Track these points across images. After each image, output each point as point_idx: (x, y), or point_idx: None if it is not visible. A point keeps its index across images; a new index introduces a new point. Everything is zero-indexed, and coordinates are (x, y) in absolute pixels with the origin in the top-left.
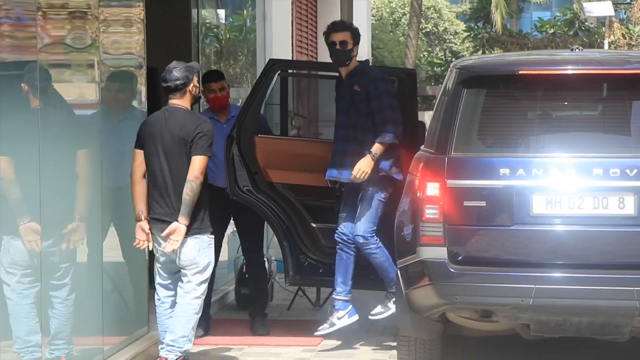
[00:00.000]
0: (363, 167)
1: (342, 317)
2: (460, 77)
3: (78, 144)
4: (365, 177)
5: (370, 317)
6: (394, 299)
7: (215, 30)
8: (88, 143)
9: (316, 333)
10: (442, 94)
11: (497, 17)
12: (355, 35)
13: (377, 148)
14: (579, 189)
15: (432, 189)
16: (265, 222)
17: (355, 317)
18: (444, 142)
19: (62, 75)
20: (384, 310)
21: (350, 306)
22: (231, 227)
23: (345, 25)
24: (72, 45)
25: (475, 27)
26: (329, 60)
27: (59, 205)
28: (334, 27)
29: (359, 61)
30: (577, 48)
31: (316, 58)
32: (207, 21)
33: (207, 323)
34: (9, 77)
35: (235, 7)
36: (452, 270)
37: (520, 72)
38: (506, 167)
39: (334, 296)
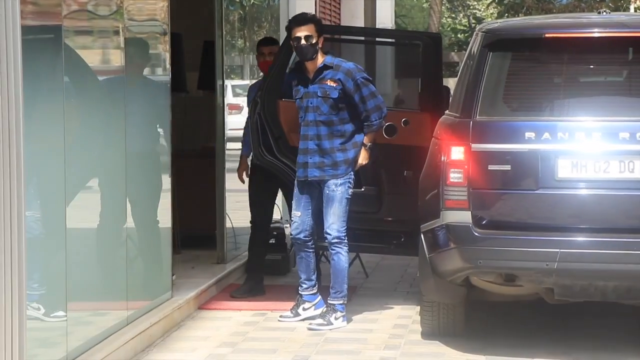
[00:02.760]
0: (363, 160)
1: (309, 309)
2: (486, 41)
3: (102, 109)
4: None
5: (308, 326)
6: (336, 315)
7: None
8: (112, 109)
9: (279, 319)
10: (467, 58)
11: None
12: (319, 26)
13: (369, 139)
14: (604, 153)
15: (457, 152)
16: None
17: (323, 308)
18: (468, 106)
19: (86, 41)
20: (325, 324)
21: (319, 298)
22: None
23: (307, 17)
24: (97, 11)
25: None
26: (353, 24)
27: (83, 169)
28: (296, 21)
29: (324, 52)
30: (604, 11)
31: (340, 22)
32: None
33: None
34: (34, 41)
35: None
36: (476, 234)
37: (547, 35)
38: (531, 131)
39: (300, 292)
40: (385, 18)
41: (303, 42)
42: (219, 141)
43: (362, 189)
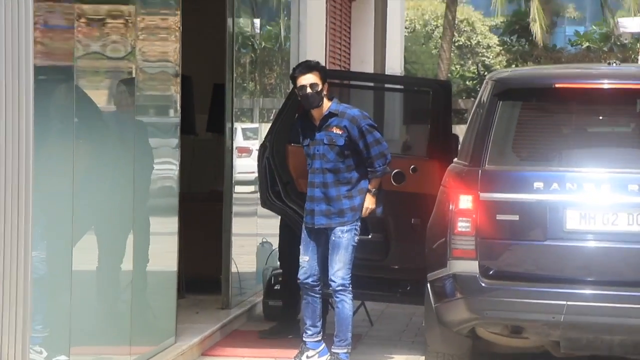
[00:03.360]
0: (370, 205)
1: (313, 356)
2: (496, 89)
3: (112, 151)
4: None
5: None
6: None
7: (250, 39)
8: (121, 150)
9: None
10: (476, 106)
11: (536, 29)
12: (323, 73)
13: (374, 185)
14: (613, 205)
15: (465, 201)
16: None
17: (327, 357)
18: (478, 155)
19: (98, 82)
20: None
21: (323, 345)
22: (260, 238)
23: (311, 65)
24: (110, 52)
25: (509, 40)
26: (360, 70)
27: (91, 210)
28: (300, 69)
29: (329, 98)
30: (614, 62)
31: (349, 67)
32: (243, 30)
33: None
34: (45, 82)
35: (271, 17)
36: (483, 284)
37: (557, 85)
38: (540, 181)
39: (304, 339)
40: (394, 64)
41: (308, 90)
42: (227, 184)
43: (369, 236)
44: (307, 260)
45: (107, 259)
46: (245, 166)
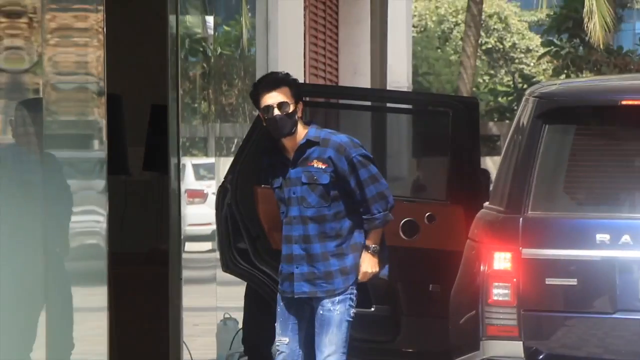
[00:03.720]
0: (369, 268)
1: None
2: (540, 109)
3: (10, 200)
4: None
5: None
6: None
7: (201, 44)
8: (24, 199)
9: None
10: (513, 132)
11: (594, 25)
12: (295, 88)
13: (374, 239)
14: None
15: (502, 260)
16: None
17: None
18: (517, 197)
19: None
20: None
21: None
22: (222, 313)
23: (279, 78)
24: (6, 63)
25: (557, 41)
26: (353, 84)
27: None
28: (263, 84)
29: (305, 122)
30: None
31: (337, 81)
32: (191, 32)
33: None
34: None
35: (229, 14)
36: None
37: (624, 102)
38: (605, 232)
39: None
40: (399, 76)
41: (276, 112)
42: (174, 241)
43: (372, 309)
44: (286, 342)
45: (11, 350)
46: (199, 216)
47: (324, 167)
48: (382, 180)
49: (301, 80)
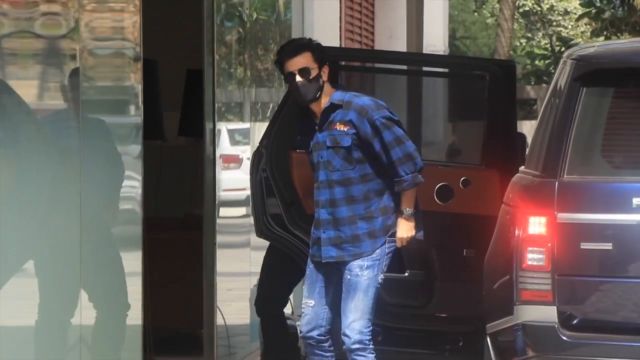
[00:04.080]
0: (405, 233)
1: None
2: (577, 72)
3: (46, 163)
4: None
5: None
6: None
7: (237, 9)
8: (61, 162)
9: None
10: (550, 95)
11: None
12: (318, 52)
13: (407, 203)
14: None
15: (536, 225)
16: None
17: None
18: (553, 161)
19: (28, 69)
20: None
21: None
22: (255, 278)
23: (300, 44)
24: (43, 30)
25: (597, 2)
26: (389, 48)
27: (18, 246)
28: (284, 51)
29: (333, 85)
30: None
31: (373, 45)
32: None
33: None
34: None
35: None
36: (564, 337)
37: None
38: None
39: None
40: (436, 39)
41: (298, 78)
42: (208, 207)
43: (406, 274)
44: (311, 305)
45: (44, 310)
46: (234, 181)
47: (345, 129)
48: (409, 142)
49: (337, 45)
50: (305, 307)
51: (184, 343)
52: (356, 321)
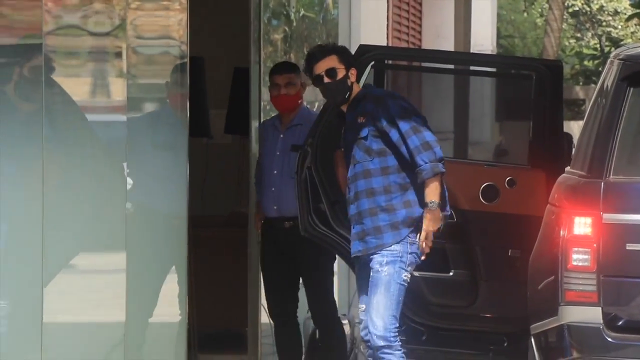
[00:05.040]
0: (430, 226)
1: None
2: (624, 72)
3: (93, 158)
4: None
5: None
6: None
7: (284, 7)
8: (107, 158)
9: None
10: (597, 95)
11: None
12: (344, 55)
13: (430, 194)
14: None
15: (582, 225)
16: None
17: None
18: (599, 161)
19: (75, 66)
20: None
21: None
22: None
23: (326, 49)
24: (90, 27)
25: None
26: (436, 47)
27: (66, 240)
28: (311, 57)
29: (363, 86)
30: None
31: (420, 44)
32: None
33: None
34: (6, 65)
35: None
36: (609, 339)
37: None
38: None
39: None
40: (483, 39)
41: (326, 79)
42: (254, 205)
43: (451, 274)
44: (363, 310)
45: (89, 306)
46: None
47: (363, 120)
48: (427, 132)
49: (384, 44)
50: (360, 312)
51: (229, 341)
52: (379, 319)
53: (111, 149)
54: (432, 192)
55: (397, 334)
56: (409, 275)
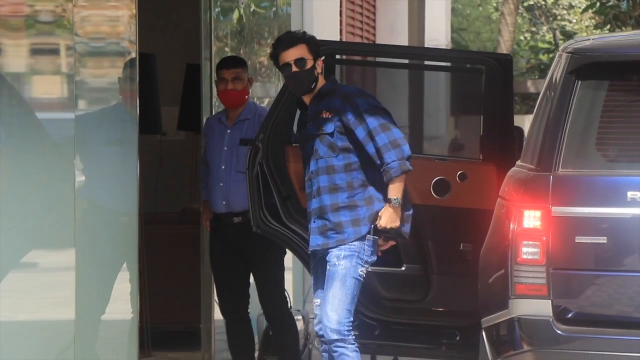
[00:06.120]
0: (388, 222)
1: None
2: (572, 65)
3: (42, 157)
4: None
5: None
6: None
7: (235, 2)
8: (56, 156)
9: None
10: (546, 88)
11: None
12: (313, 45)
13: (394, 191)
14: None
15: (531, 218)
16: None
17: None
18: (548, 155)
19: (22, 64)
20: None
21: None
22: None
23: (296, 37)
24: (35, 24)
25: None
26: (390, 42)
27: (16, 239)
28: (280, 43)
29: (327, 79)
30: None
31: (374, 39)
32: None
33: None
34: None
35: None
36: (559, 332)
37: None
38: (637, 190)
39: None
40: (437, 33)
41: (294, 68)
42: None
43: (403, 268)
44: (318, 304)
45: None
46: None
47: (329, 116)
48: (395, 129)
49: (337, 39)
50: (314, 306)
51: (182, 337)
52: (333, 312)
53: (60, 147)
54: (397, 189)
55: (351, 328)
56: (365, 271)
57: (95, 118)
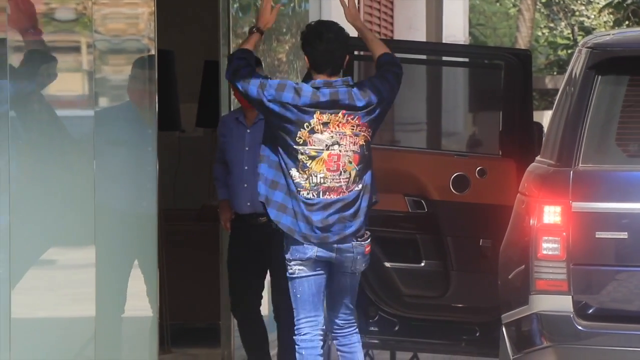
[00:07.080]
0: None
1: None
2: (592, 60)
3: (61, 154)
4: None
5: None
6: None
7: (253, 0)
8: (75, 154)
9: None
10: (566, 84)
11: None
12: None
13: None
14: None
15: (551, 214)
16: None
17: None
18: (568, 150)
19: (38, 62)
20: None
21: None
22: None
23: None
24: (54, 22)
25: None
26: (411, 38)
27: (34, 238)
28: (339, 35)
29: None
30: None
31: (392, 36)
32: None
33: None
34: None
35: None
36: (579, 327)
37: None
38: None
39: None
40: (455, 29)
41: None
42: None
43: (422, 264)
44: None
45: (59, 302)
46: None
47: None
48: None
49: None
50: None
51: (202, 334)
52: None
53: (79, 144)
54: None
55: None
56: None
57: (114, 115)
